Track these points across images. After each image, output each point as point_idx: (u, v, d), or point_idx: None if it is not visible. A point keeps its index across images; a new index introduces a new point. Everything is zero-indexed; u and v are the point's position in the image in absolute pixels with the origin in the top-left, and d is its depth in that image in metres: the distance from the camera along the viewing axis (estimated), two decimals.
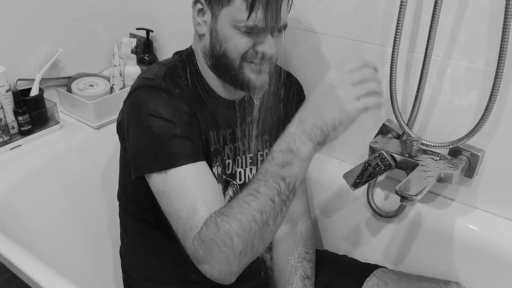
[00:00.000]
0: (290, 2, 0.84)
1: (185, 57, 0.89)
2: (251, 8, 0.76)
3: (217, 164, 0.89)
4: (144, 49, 1.42)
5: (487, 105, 0.85)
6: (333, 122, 0.63)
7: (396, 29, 0.90)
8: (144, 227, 0.96)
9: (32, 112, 1.19)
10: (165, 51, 1.43)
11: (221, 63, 0.83)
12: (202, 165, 0.77)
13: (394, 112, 0.97)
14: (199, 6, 0.82)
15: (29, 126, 1.18)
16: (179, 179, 0.73)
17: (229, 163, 0.91)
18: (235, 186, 0.94)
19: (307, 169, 0.68)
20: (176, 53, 0.92)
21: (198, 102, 0.85)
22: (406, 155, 0.97)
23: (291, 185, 0.66)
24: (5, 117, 1.14)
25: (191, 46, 0.91)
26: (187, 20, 0.90)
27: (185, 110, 0.80)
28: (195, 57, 0.88)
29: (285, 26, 0.82)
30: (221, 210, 0.69)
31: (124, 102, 0.84)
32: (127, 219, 1.00)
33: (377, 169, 0.99)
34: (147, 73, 0.85)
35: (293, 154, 0.65)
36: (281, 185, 0.66)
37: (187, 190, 0.73)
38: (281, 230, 1.05)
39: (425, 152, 0.98)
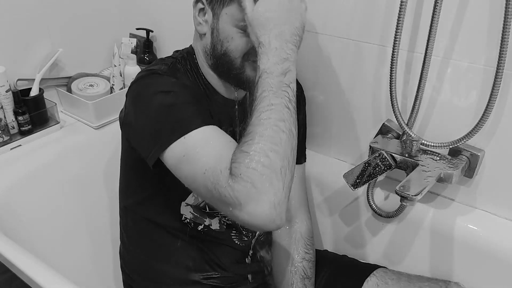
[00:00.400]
0: None
1: (186, 54, 0.89)
2: None
3: None
4: (144, 49, 1.42)
5: (487, 105, 0.85)
6: (301, 26, 0.73)
7: (396, 29, 0.90)
8: (145, 226, 0.96)
9: (32, 112, 1.19)
10: (165, 51, 1.43)
11: (222, 62, 0.83)
12: (217, 127, 0.74)
13: (394, 112, 0.97)
14: (200, 5, 0.82)
15: (29, 126, 1.18)
16: (200, 137, 0.71)
17: None
18: None
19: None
20: (176, 51, 0.92)
21: (199, 98, 0.85)
22: (406, 155, 0.97)
23: (294, 90, 0.69)
24: (5, 117, 1.14)
25: (191, 45, 0.91)
26: (187, 20, 0.90)
27: (193, 91, 0.80)
28: (195, 56, 0.88)
29: None
30: (243, 140, 0.65)
31: (127, 95, 0.83)
32: (128, 218, 1.00)
33: (377, 169, 0.99)
34: (148, 67, 0.85)
35: (288, 61, 0.69)
36: (288, 91, 0.68)
37: (209, 143, 0.70)
38: (280, 229, 1.05)
39: (425, 152, 0.98)
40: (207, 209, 0.93)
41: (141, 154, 0.78)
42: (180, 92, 0.77)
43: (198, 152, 0.69)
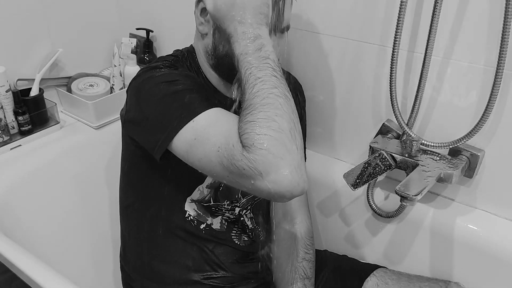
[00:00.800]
0: (292, 3, 0.84)
1: (186, 53, 0.89)
2: None
3: None
4: (144, 49, 1.42)
5: (487, 105, 0.85)
6: (263, 3, 0.71)
7: (396, 29, 0.90)
8: (146, 226, 0.96)
9: (32, 112, 1.19)
10: (165, 51, 1.42)
11: (223, 62, 0.82)
12: (221, 108, 0.75)
13: (394, 112, 0.97)
14: (201, 5, 0.82)
15: (29, 126, 1.18)
16: (208, 117, 0.71)
17: None
18: None
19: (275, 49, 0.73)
20: (177, 50, 0.92)
21: (201, 86, 0.85)
22: (406, 155, 0.97)
23: (274, 60, 0.70)
24: (5, 117, 1.14)
25: (191, 44, 0.91)
26: (187, 20, 0.90)
27: (195, 79, 0.80)
28: (195, 55, 0.88)
29: (288, 27, 0.82)
30: (244, 113, 0.66)
31: (128, 91, 0.83)
32: (128, 218, 1.00)
33: (377, 169, 0.99)
34: (148, 64, 0.85)
35: (259, 38, 0.70)
36: (269, 62, 0.68)
37: (218, 122, 0.70)
38: (280, 230, 1.05)
39: (425, 152, 0.98)
40: (212, 201, 0.93)
41: (147, 147, 0.77)
42: (182, 80, 0.77)
43: (208, 132, 0.69)
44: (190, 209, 0.92)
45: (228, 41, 0.74)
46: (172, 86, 0.75)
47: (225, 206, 0.95)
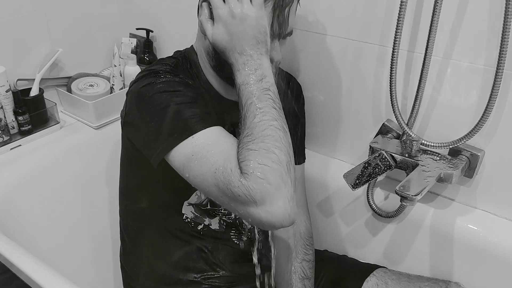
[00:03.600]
0: (297, 8, 0.83)
1: (187, 54, 0.89)
2: None
3: None
4: (144, 49, 1.42)
5: (487, 105, 0.85)
6: (260, 32, 0.72)
7: (396, 29, 0.90)
8: (145, 226, 0.96)
9: (32, 112, 1.19)
10: (165, 51, 1.43)
11: (225, 65, 0.82)
12: (223, 128, 0.76)
13: (394, 112, 0.97)
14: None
15: (29, 126, 1.18)
16: (209, 136, 0.72)
17: None
18: None
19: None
20: (177, 51, 0.92)
21: (203, 97, 0.85)
22: (406, 155, 0.97)
23: (275, 92, 0.72)
24: (5, 117, 1.14)
25: (192, 45, 0.91)
26: (187, 20, 0.90)
27: (196, 90, 0.81)
28: (197, 56, 0.88)
29: (291, 32, 0.83)
30: (245, 140, 0.67)
31: (128, 94, 0.83)
32: (128, 218, 1.00)
33: (377, 169, 0.99)
34: (148, 67, 0.85)
35: (260, 68, 0.71)
36: (269, 94, 0.70)
37: (218, 143, 0.71)
38: (280, 230, 1.05)
39: (425, 152, 0.98)
40: (209, 205, 0.93)
41: (145, 154, 0.77)
42: (184, 90, 0.77)
43: (207, 151, 0.70)
44: (188, 211, 0.92)
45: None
46: (174, 97, 0.75)
47: (222, 211, 0.95)
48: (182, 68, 0.86)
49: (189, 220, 0.92)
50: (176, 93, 0.76)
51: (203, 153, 0.70)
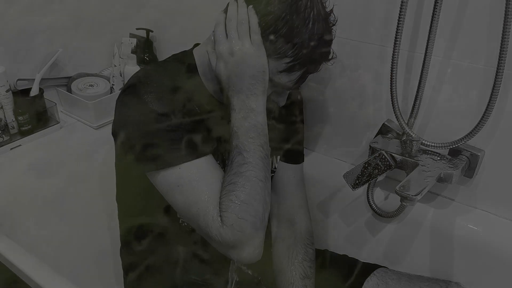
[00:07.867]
0: None
1: (184, 58, 0.88)
2: (289, 69, 0.77)
3: (217, 162, 0.89)
4: (144, 49, 1.42)
5: (487, 105, 0.85)
6: (259, 71, 0.74)
7: (396, 29, 0.90)
8: (143, 228, 0.96)
9: (32, 112, 1.19)
10: (165, 51, 1.43)
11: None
12: (212, 158, 0.78)
13: (394, 112, 0.97)
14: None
15: (29, 126, 1.18)
16: (196, 170, 0.74)
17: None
18: None
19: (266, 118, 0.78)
20: (174, 56, 0.90)
21: (194, 103, 0.84)
22: (406, 155, 0.97)
23: (265, 134, 0.75)
24: (5, 117, 1.14)
25: (192, 47, 0.89)
26: (187, 21, 0.90)
27: (186, 109, 0.80)
28: (195, 59, 0.87)
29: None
30: (228, 188, 0.71)
31: (117, 103, 0.82)
32: (126, 220, 1.00)
33: (377, 169, 0.99)
34: (141, 76, 0.82)
35: (252, 113, 0.74)
36: (259, 141, 0.74)
37: (204, 178, 0.74)
38: (280, 229, 1.05)
39: (425, 152, 0.98)
40: None
41: (131, 162, 0.79)
42: (175, 113, 0.75)
43: (192, 186, 0.73)
44: None
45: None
46: (164, 121, 0.74)
47: None
48: (176, 76, 0.83)
49: (186, 224, 0.92)
50: (166, 115, 0.74)
51: (187, 187, 0.73)
